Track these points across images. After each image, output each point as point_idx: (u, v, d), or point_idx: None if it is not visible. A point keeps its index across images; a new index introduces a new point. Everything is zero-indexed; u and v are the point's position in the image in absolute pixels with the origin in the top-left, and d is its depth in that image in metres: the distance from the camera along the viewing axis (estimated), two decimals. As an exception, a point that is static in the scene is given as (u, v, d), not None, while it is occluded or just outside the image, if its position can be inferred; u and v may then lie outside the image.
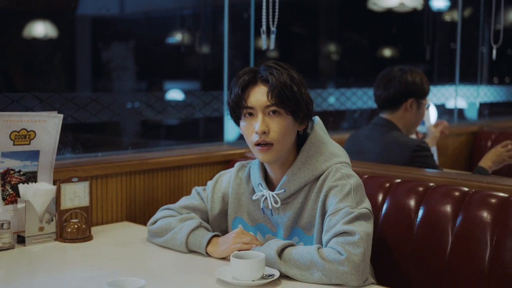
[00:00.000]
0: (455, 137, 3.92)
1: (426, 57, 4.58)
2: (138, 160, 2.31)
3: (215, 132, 2.89)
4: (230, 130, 2.91)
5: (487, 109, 4.71)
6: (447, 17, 4.71)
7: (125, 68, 3.14)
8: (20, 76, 2.64)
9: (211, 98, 2.83)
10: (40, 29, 2.63)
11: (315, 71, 4.54)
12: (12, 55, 2.56)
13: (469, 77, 4.48)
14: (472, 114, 4.60)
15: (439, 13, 4.73)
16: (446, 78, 4.47)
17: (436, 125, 3.19)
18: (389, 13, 4.53)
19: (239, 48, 3.04)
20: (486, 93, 4.70)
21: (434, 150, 3.38)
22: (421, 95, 2.76)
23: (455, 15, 4.54)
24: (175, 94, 2.95)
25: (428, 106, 2.92)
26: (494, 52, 4.02)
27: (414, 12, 4.51)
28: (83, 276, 1.68)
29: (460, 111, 4.54)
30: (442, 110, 4.40)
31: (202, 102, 2.79)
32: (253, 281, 1.57)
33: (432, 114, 4.04)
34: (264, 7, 2.60)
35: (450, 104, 4.50)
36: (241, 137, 2.94)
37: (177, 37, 3.32)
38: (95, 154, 2.40)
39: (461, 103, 4.59)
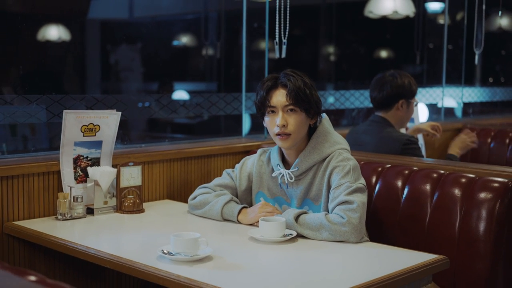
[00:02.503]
0: (441, 133, 4.39)
1: (417, 61, 5.05)
2: (176, 150, 2.80)
3: (234, 127, 3.39)
4: (247, 126, 3.41)
5: (471, 108, 5.20)
6: (435, 25, 5.16)
7: (143, 70, 3.67)
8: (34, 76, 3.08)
9: (232, 99, 3.33)
10: (54, 32, 3.06)
11: (317, 75, 5.01)
12: (28, 57, 2.99)
13: (454, 80, 4.94)
14: (457, 112, 5.09)
15: (429, 21, 5.18)
16: (434, 80, 4.93)
17: (433, 126, 3.52)
18: (384, 20, 4.93)
19: (254, 54, 3.53)
20: (470, 94, 5.19)
21: (422, 143, 3.87)
22: (409, 95, 3.16)
23: (442, 23, 4.99)
24: (199, 94, 3.45)
25: (417, 104, 3.37)
26: (476, 57, 4.53)
27: (406, 19, 4.90)
28: (141, 237, 2.17)
29: (448, 110, 5.01)
30: (432, 109, 4.86)
31: (224, 102, 3.30)
32: (277, 238, 2.07)
33: (421, 112, 4.52)
34: (277, 21, 3.10)
35: (441, 104, 4.96)
36: (251, 131, 3.44)
37: (199, 44, 3.83)
38: (139, 144, 2.90)
39: (452, 103, 5.05)
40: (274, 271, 1.84)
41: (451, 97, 4.96)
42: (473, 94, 5.20)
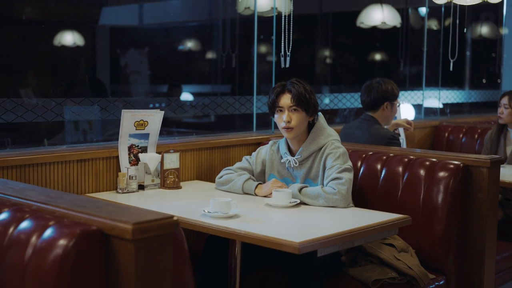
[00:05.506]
0: (421, 129, 5.06)
1: (401, 67, 5.77)
2: (203, 141, 3.53)
3: (247, 124, 4.13)
4: (257, 122, 4.15)
5: (448, 108, 5.93)
6: (417, 35, 5.87)
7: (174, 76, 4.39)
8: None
9: (245, 101, 4.07)
10: (69, 38, 3.75)
11: (314, 79, 5.73)
12: (43, 61, 3.63)
13: (432, 83, 5.66)
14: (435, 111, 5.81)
15: (411, 31, 5.89)
16: (416, 83, 5.65)
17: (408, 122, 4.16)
18: (374, 30, 5.61)
19: (263, 62, 4.26)
20: (447, 96, 5.92)
21: (403, 138, 4.59)
22: (393, 98, 3.81)
23: (423, 35, 5.69)
24: (220, 97, 4.19)
25: (399, 104, 4.06)
26: (451, 64, 5.26)
27: (393, 29, 5.58)
28: (182, 204, 2.88)
29: (428, 110, 5.72)
30: (417, 109, 5.55)
31: (238, 103, 4.03)
32: (285, 204, 2.80)
33: (407, 111, 5.24)
34: (282, 37, 3.83)
35: (426, 104, 5.65)
36: (258, 127, 4.17)
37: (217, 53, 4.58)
38: (173, 137, 3.63)
39: (436, 103, 5.75)
40: (284, 224, 2.57)
41: (430, 99, 5.69)
42: (450, 96, 5.94)
